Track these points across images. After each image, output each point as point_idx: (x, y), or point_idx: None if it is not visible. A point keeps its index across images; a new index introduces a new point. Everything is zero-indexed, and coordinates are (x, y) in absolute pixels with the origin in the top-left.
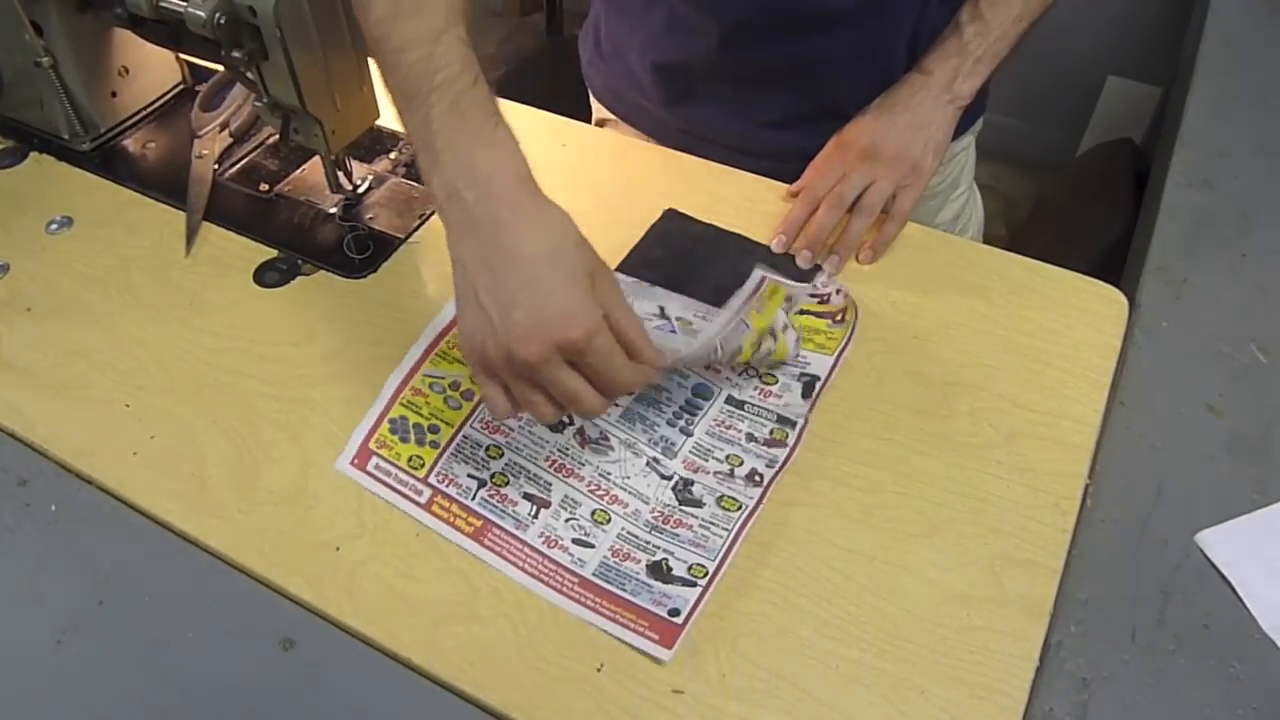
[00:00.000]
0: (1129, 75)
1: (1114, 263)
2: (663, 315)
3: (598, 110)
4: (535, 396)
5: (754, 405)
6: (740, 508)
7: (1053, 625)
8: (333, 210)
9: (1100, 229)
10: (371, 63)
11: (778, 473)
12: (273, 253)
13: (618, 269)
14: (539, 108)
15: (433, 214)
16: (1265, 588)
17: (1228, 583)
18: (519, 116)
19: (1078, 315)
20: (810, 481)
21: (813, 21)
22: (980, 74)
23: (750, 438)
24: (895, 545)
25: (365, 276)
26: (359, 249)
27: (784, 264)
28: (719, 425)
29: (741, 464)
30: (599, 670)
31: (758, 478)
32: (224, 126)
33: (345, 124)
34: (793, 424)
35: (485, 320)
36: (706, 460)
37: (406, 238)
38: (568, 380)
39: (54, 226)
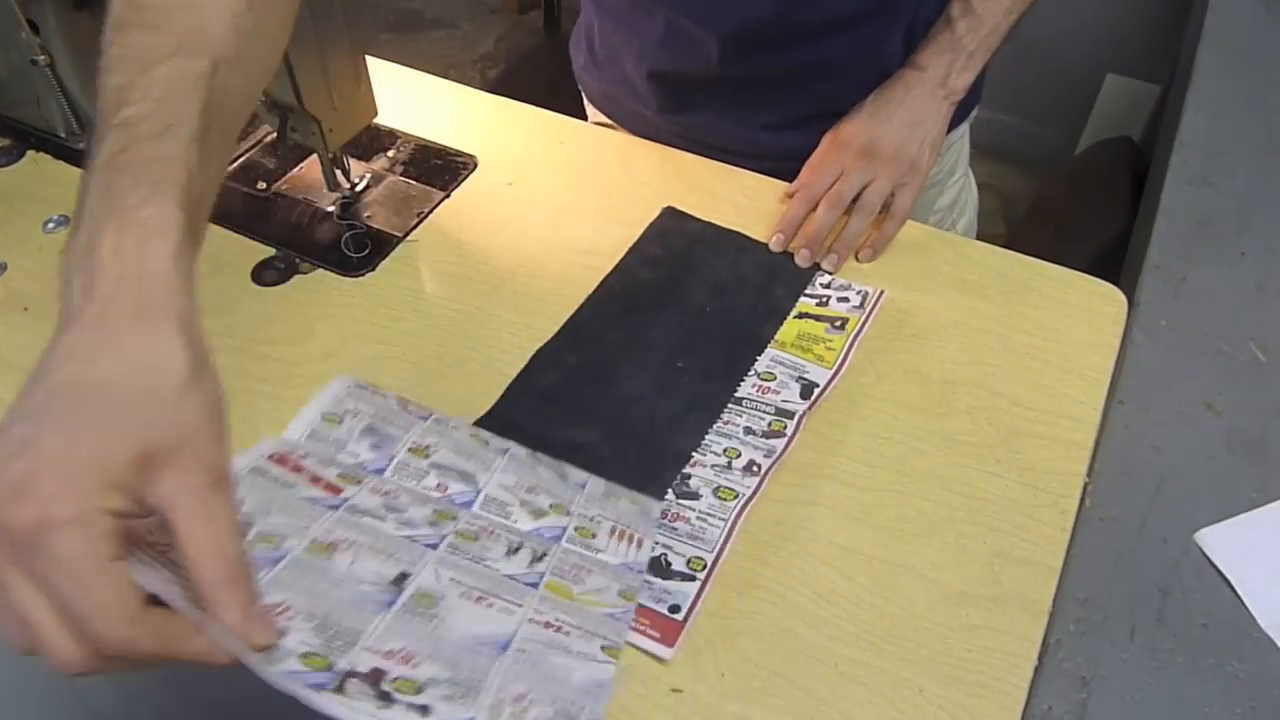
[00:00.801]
0: (1128, 73)
1: (1113, 261)
2: (397, 583)
3: (593, 115)
4: None
5: (752, 400)
6: (737, 497)
7: (1051, 624)
8: (330, 208)
9: (1099, 227)
10: (370, 61)
11: (775, 461)
12: (270, 251)
13: (615, 269)
14: (537, 105)
15: (431, 212)
16: (1264, 586)
17: (1226, 581)
18: (516, 114)
19: (1077, 314)
20: (809, 480)
21: (813, 29)
22: (974, 68)
23: (748, 431)
24: (894, 544)
25: (363, 275)
26: (357, 247)
27: (783, 262)
28: (719, 421)
29: (739, 456)
30: None
31: (755, 468)
32: None
33: (343, 122)
34: (791, 414)
35: None
36: (705, 455)
37: (404, 236)
38: (13, 590)
39: (51, 225)
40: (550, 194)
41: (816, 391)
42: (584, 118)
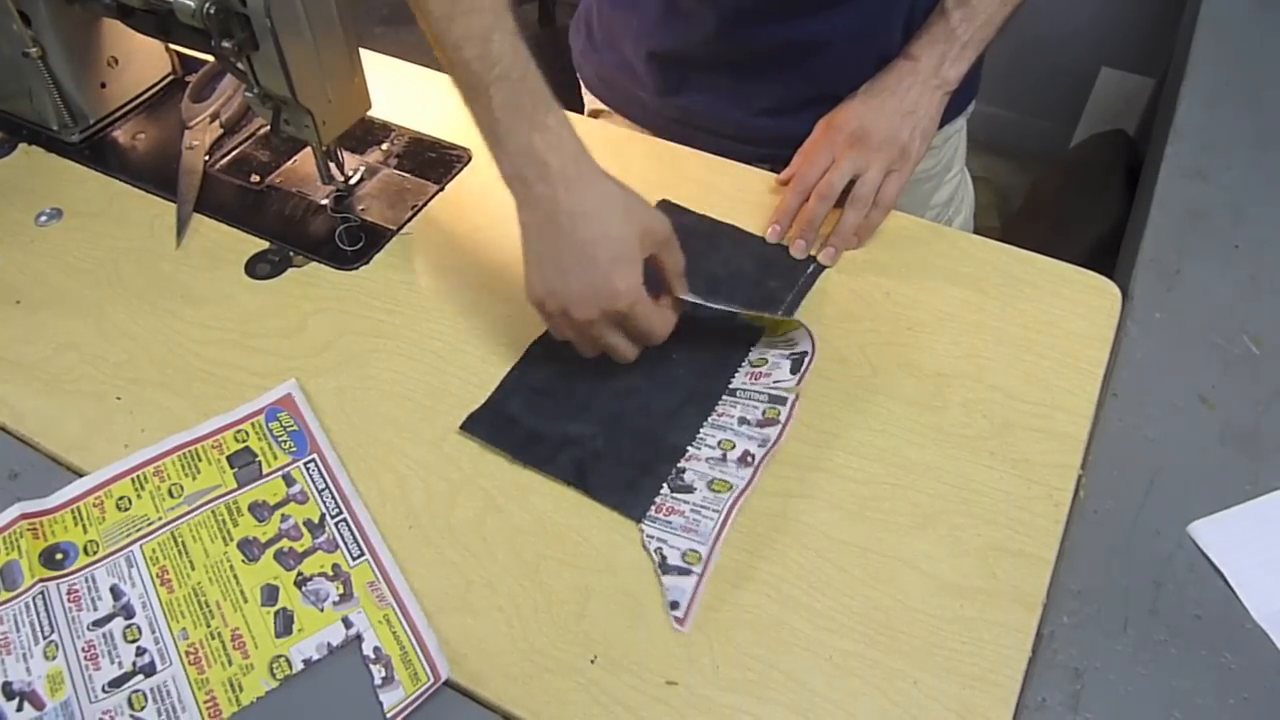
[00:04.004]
0: (1122, 67)
1: (1107, 254)
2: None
3: (590, 101)
4: (613, 339)
5: (745, 390)
6: (731, 489)
7: (1045, 616)
8: (324, 202)
9: (1093, 220)
10: (364, 53)
11: (769, 451)
12: (264, 244)
13: None
14: None
15: (425, 205)
16: (1256, 578)
17: (1219, 573)
18: None
19: (1071, 306)
20: (804, 473)
21: (811, 4)
22: (967, 59)
23: (743, 421)
24: (889, 537)
25: (357, 268)
26: (351, 240)
27: (777, 255)
28: (714, 414)
29: (734, 448)
30: (592, 662)
31: (749, 458)
32: (214, 117)
33: (336, 115)
34: (784, 400)
35: (549, 284)
36: (699, 449)
37: (399, 229)
38: (611, 337)
39: (43, 218)
40: None
41: (806, 361)
42: (578, 110)
